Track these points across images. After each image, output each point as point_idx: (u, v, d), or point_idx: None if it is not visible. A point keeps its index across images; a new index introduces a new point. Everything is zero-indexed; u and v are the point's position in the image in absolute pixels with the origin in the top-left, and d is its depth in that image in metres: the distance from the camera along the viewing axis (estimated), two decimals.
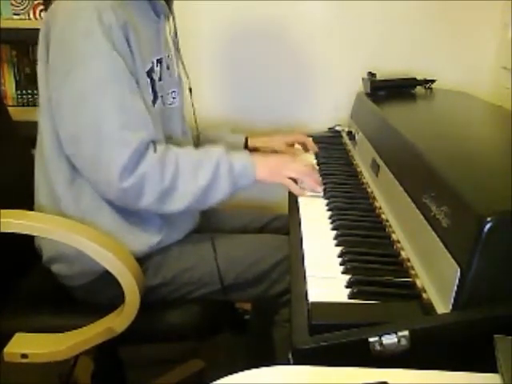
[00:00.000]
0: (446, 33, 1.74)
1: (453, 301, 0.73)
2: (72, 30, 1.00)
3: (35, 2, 1.77)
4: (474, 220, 0.71)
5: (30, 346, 1.05)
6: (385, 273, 0.87)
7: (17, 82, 1.90)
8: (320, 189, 1.22)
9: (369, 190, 1.22)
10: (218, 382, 0.62)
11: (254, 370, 0.64)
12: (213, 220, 1.32)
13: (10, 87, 1.90)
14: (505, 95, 1.58)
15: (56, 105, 1.03)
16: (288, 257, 1.02)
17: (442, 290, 0.76)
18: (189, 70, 1.30)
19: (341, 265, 0.90)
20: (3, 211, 0.98)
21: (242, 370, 0.64)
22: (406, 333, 0.68)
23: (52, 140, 1.07)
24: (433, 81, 1.68)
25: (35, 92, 1.89)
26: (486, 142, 1.15)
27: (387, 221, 1.04)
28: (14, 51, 1.86)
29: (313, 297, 0.80)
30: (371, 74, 1.64)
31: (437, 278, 0.79)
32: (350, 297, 0.80)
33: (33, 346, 1.05)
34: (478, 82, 1.73)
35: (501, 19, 1.69)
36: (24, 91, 1.90)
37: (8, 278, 1.18)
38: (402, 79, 1.67)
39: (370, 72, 1.64)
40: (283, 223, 1.33)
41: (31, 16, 1.78)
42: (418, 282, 0.83)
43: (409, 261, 0.89)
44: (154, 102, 1.10)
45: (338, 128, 1.74)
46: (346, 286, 0.83)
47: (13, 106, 1.90)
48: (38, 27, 1.07)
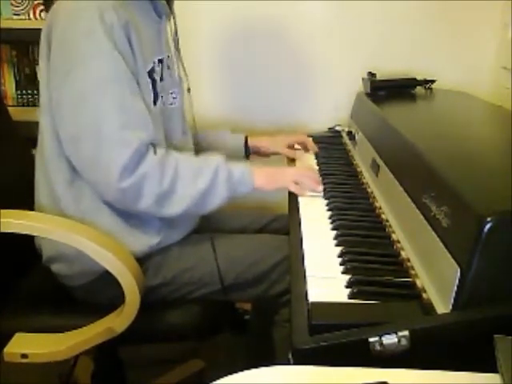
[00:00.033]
0: (446, 33, 1.74)
1: (453, 301, 0.73)
2: (73, 29, 1.00)
3: (35, 2, 1.77)
4: (474, 220, 0.71)
5: (30, 346, 1.05)
6: (385, 273, 0.87)
7: (17, 82, 1.90)
8: (320, 188, 1.22)
9: (369, 190, 1.22)
10: (218, 382, 0.62)
11: (253, 370, 0.64)
12: (213, 220, 1.32)
13: (9, 87, 1.90)
14: (505, 95, 1.58)
15: (56, 105, 1.03)
16: (288, 257, 1.02)
17: (442, 290, 0.76)
18: (189, 70, 1.30)
19: (341, 265, 0.90)
20: (3, 211, 0.98)
21: (241, 370, 0.64)
22: (406, 333, 0.68)
23: (52, 140, 1.07)
24: (433, 81, 1.68)
25: (35, 92, 1.89)
26: (486, 141, 1.15)
27: (387, 221, 1.04)
28: (13, 51, 1.86)
29: (313, 297, 0.80)
30: (371, 74, 1.64)
31: (437, 278, 0.79)
32: (350, 297, 0.80)
33: (33, 346, 1.05)
34: (477, 82, 1.73)
35: (501, 19, 1.69)
36: (24, 91, 1.90)
37: (8, 278, 1.18)
38: (402, 79, 1.67)
39: (369, 72, 1.64)
40: (283, 224, 1.33)
41: (31, 16, 1.78)
42: (418, 282, 0.83)
43: (409, 261, 0.89)
44: (154, 102, 1.10)
45: (338, 128, 1.74)
46: (346, 286, 0.83)
47: (13, 106, 1.90)
48: (38, 27, 1.07)
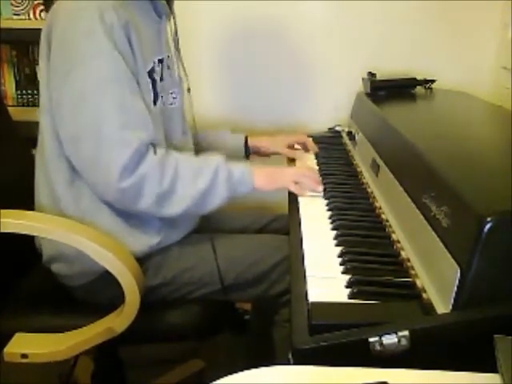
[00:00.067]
0: (446, 33, 1.74)
1: (453, 301, 0.73)
2: (74, 29, 1.00)
3: (35, 2, 1.77)
4: (474, 220, 0.71)
5: (30, 346, 1.05)
6: (385, 273, 0.87)
7: (17, 82, 1.90)
8: (320, 188, 1.22)
9: (369, 190, 1.22)
10: (218, 382, 0.62)
11: (253, 370, 0.64)
12: (213, 220, 1.32)
13: (9, 87, 1.90)
14: (505, 95, 1.58)
15: (56, 105, 1.03)
16: (288, 257, 1.02)
17: (442, 290, 0.76)
18: (189, 70, 1.30)
19: (341, 265, 0.90)
20: (3, 211, 0.98)
21: (241, 370, 0.64)
22: (406, 333, 0.68)
23: (52, 140, 1.07)
24: (433, 81, 1.68)
25: (35, 92, 1.89)
26: (486, 141, 1.15)
27: (387, 221, 1.04)
28: (14, 51, 1.86)
29: (313, 297, 0.80)
30: (371, 74, 1.64)
31: (437, 278, 0.79)
32: (350, 297, 0.80)
33: (33, 346, 1.05)
34: (477, 82, 1.73)
35: (501, 19, 1.69)
36: (24, 91, 1.90)
37: (8, 278, 1.18)
38: (402, 79, 1.67)
39: (369, 72, 1.64)
40: (283, 224, 1.33)
41: (31, 16, 1.78)
42: (418, 281, 0.83)
43: (409, 261, 0.89)
44: (154, 102, 1.10)
45: (338, 128, 1.74)
46: (346, 286, 0.83)
47: (13, 106, 1.90)
48: (38, 27, 1.07)
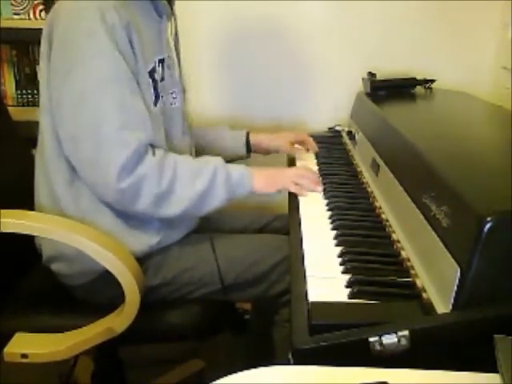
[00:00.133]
0: (446, 33, 1.74)
1: (453, 301, 0.73)
2: (75, 29, 1.00)
3: (35, 2, 1.77)
4: (474, 220, 0.71)
5: (30, 346, 1.05)
6: (385, 273, 0.87)
7: (17, 82, 1.90)
8: (320, 189, 1.22)
9: (369, 190, 1.22)
10: (218, 382, 0.62)
11: (253, 370, 0.64)
12: (213, 220, 1.32)
13: (9, 87, 1.90)
14: (505, 95, 1.58)
15: (56, 104, 1.03)
16: (288, 257, 1.02)
17: (442, 290, 0.76)
18: (189, 69, 1.30)
19: (341, 265, 0.90)
20: (3, 211, 0.98)
21: (241, 370, 0.64)
22: (406, 333, 0.68)
23: (52, 140, 1.07)
24: (433, 81, 1.68)
25: (35, 92, 1.89)
26: (486, 141, 1.15)
27: (387, 221, 1.04)
28: (14, 51, 1.86)
29: (313, 297, 0.80)
30: (371, 74, 1.64)
31: (437, 278, 0.79)
32: (350, 297, 0.80)
33: (33, 346, 1.05)
34: (477, 82, 1.73)
35: (501, 19, 1.69)
36: (24, 91, 1.90)
37: (8, 278, 1.18)
38: (402, 79, 1.67)
39: (369, 72, 1.64)
40: (283, 223, 1.33)
41: (31, 16, 1.78)
42: (418, 281, 0.83)
43: (409, 261, 0.89)
44: (155, 102, 1.10)
45: (338, 128, 1.74)
46: (346, 286, 0.83)
47: (13, 106, 1.90)
48: (38, 27, 1.07)
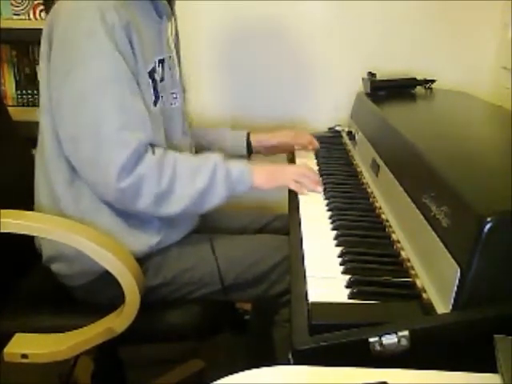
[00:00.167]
0: (446, 33, 1.74)
1: (453, 301, 0.73)
2: (75, 29, 1.00)
3: (35, 2, 1.77)
4: (474, 220, 0.71)
5: (30, 346, 1.05)
6: (385, 273, 0.87)
7: (17, 82, 1.90)
8: (320, 189, 1.22)
9: (369, 190, 1.22)
10: (218, 382, 0.62)
11: (254, 370, 0.64)
12: (212, 220, 1.32)
13: (9, 87, 1.90)
14: (505, 95, 1.58)
15: (56, 105, 1.03)
16: (288, 257, 1.02)
17: (442, 290, 0.76)
18: (189, 69, 1.30)
19: (341, 265, 0.90)
20: (3, 211, 0.98)
21: (242, 370, 0.64)
22: (406, 333, 0.68)
23: (52, 140, 1.07)
24: (433, 81, 1.68)
25: (35, 92, 1.89)
26: (486, 141, 1.15)
27: (387, 221, 1.04)
28: (14, 51, 1.86)
29: (313, 297, 0.80)
30: (371, 74, 1.64)
31: (437, 278, 0.79)
32: (350, 297, 0.80)
33: (33, 346, 1.05)
34: (478, 82, 1.73)
35: (501, 19, 1.69)
36: (24, 91, 1.90)
37: (8, 278, 1.18)
38: (402, 79, 1.67)
39: (369, 72, 1.64)
40: (283, 223, 1.33)
41: (31, 16, 1.78)
42: (418, 281, 0.83)
43: (409, 261, 0.89)
44: (155, 102, 1.10)
45: (338, 128, 1.74)
46: (346, 286, 0.83)
47: (13, 106, 1.90)
48: (38, 27, 1.07)
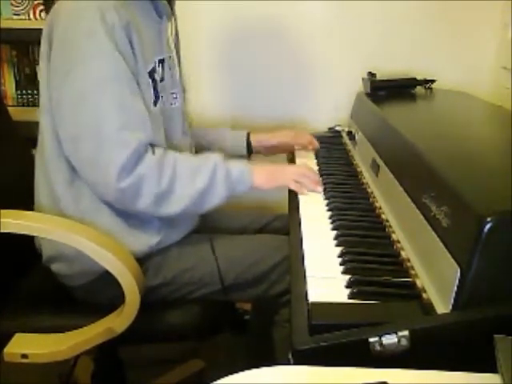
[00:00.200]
0: (446, 33, 1.74)
1: (453, 301, 0.73)
2: (75, 29, 1.00)
3: (35, 2, 1.77)
4: (474, 220, 0.71)
5: (30, 346, 1.05)
6: (385, 273, 0.87)
7: (17, 82, 1.90)
8: (320, 189, 1.22)
9: (369, 190, 1.22)
10: (218, 382, 0.62)
11: (254, 370, 0.64)
12: (212, 220, 1.32)
13: (9, 87, 1.90)
14: (505, 95, 1.58)
15: (56, 104, 1.03)
16: (288, 257, 1.02)
17: (442, 290, 0.76)
18: (189, 69, 1.30)
19: (341, 265, 0.90)
20: (3, 211, 0.98)
21: (242, 370, 0.64)
22: (406, 333, 0.68)
23: (52, 140, 1.07)
24: (433, 81, 1.68)
25: (35, 92, 1.89)
26: (486, 141, 1.15)
27: (387, 221, 1.04)
28: (14, 51, 1.86)
29: (313, 297, 0.80)
30: (371, 74, 1.64)
31: (437, 278, 0.79)
32: (350, 297, 0.80)
33: (33, 346, 1.05)
34: (478, 82, 1.73)
35: (501, 19, 1.69)
36: (24, 91, 1.90)
37: (8, 277, 1.18)
38: (402, 79, 1.67)
39: (369, 72, 1.64)
40: (283, 223, 1.33)
41: (31, 16, 1.78)
42: (418, 282, 0.83)
43: (409, 261, 0.89)
44: (155, 102, 1.10)
45: (338, 128, 1.74)
46: (346, 286, 0.83)
47: (13, 106, 1.90)
48: (38, 27, 1.07)
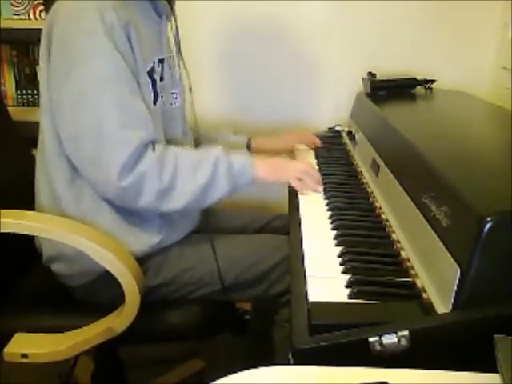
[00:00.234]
0: (446, 33, 1.74)
1: (453, 301, 0.73)
2: (74, 29, 1.00)
3: (35, 2, 1.77)
4: (474, 220, 0.71)
5: (30, 346, 1.05)
6: (385, 273, 0.87)
7: (17, 82, 1.90)
8: (320, 188, 1.22)
9: (369, 190, 1.22)
10: (218, 382, 0.62)
11: (253, 370, 0.64)
12: (212, 220, 1.32)
13: (9, 87, 1.90)
14: (505, 95, 1.58)
15: (56, 104, 1.03)
16: (288, 257, 1.02)
17: (442, 290, 0.76)
18: (190, 70, 1.30)
19: (341, 265, 0.90)
20: (3, 211, 0.98)
21: (241, 370, 0.64)
22: (406, 333, 0.68)
23: (53, 140, 1.07)
24: (433, 81, 1.68)
25: (35, 92, 1.89)
26: (486, 141, 1.15)
27: (387, 221, 1.04)
28: (14, 51, 1.86)
29: (313, 297, 0.80)
30: (371, 74, 1.64)
31: (437, 278, 0.79)
32: (350, 297, 0.80)
33: (33, 346, 1.05)
34: (477, 82, 1.73)
35: (501, 19, 1.69)
36: (24, 91, 1.90)
37: (8, 278, 1.18)
38: (402, 79, 1.67)
39: (369, 72, 1.64)
40: (283, 223, 1.33)
41: (31, 16, 1.78)
42: (418, 282, 0.83)
43: (409, 261, 0.89)
44: (154, 102, 1.10)
45: (338, 128, 1.74)
46: (346, 286, 0.83)
47: (13, 106, 1.90)
48: (38, 27, 1.07)
